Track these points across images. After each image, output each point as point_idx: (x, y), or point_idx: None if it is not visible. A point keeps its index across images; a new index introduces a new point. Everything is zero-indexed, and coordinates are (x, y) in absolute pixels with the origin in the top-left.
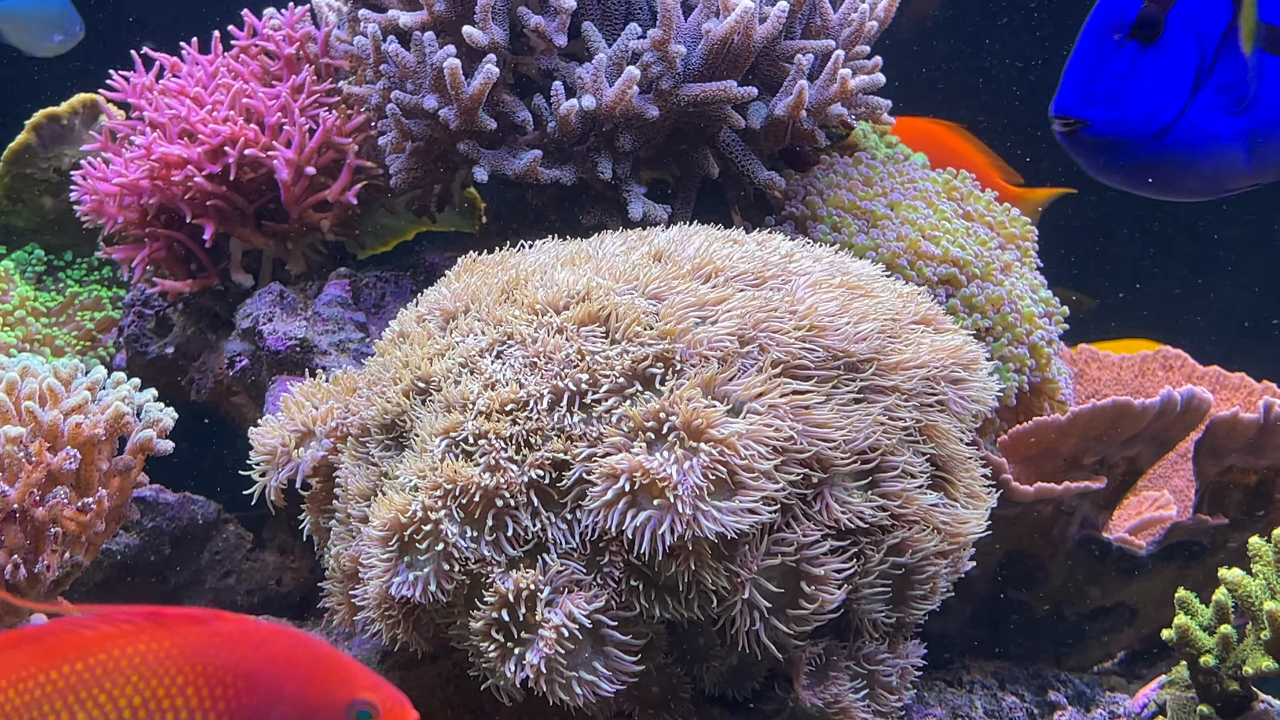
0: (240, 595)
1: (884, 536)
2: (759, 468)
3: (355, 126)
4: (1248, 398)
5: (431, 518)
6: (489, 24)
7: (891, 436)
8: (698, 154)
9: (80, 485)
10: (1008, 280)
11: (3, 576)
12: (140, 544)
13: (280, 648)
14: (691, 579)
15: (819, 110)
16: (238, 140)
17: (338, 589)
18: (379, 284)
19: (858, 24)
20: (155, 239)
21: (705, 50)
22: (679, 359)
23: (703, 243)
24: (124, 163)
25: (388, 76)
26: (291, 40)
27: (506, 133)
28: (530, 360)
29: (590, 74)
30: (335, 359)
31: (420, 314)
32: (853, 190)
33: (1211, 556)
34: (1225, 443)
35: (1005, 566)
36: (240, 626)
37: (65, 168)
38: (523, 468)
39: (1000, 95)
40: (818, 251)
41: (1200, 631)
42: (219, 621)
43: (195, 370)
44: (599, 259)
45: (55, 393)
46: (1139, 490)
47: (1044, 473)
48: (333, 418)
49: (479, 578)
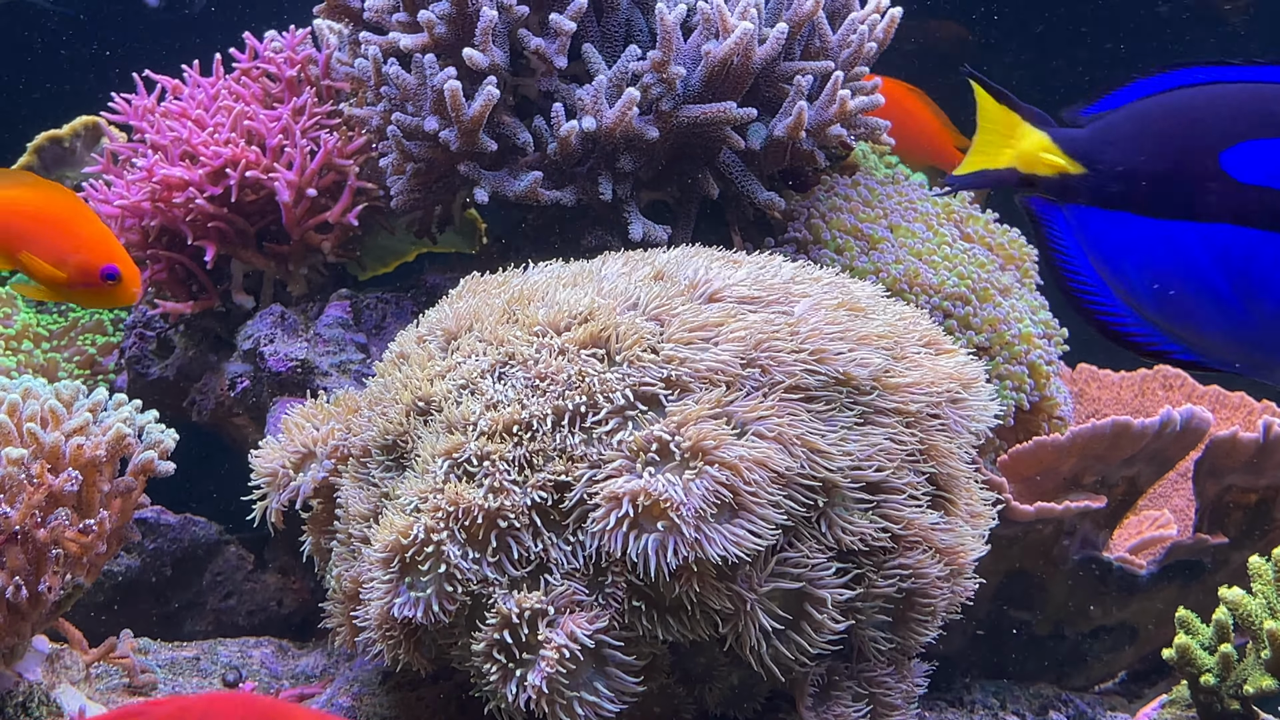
0: (241, 616)
1: (886, 558)
2: (762, 490)
3: (356, 148)
4: (1247, 417)
5: (434, 539)
6: (489, 46)
7: (893, 458)
8: (698, 175)
9: (82, 507)
10: (1007, 302)
11: (4, 598)
12: (142, 565)
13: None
14: (695, 600)
15: (818, 131)
16: (239, 162)
17: (339, 610)
18: (380, 305)
19: (857, 45)
20: (157, 261)
21: (705, 72)
22: (681, 380)
23: (704, 264)
24: (126, 185)
25: (389, 98)
26: (293, 62)
27: (507, 154)
28: (532, 381)
29: (590, 95)
30: (336, 380)
31: (421, 335)
32: (853, 213)
33: (1212, 576)
34: (1225, 462)
35: (1006, 586)
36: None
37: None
38: (525, 489)
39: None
40: (819, 273)
41: (1201, 651)
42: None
43: (196, 392)
44: (600, 280)
45: (57, 414)
46: (1139, 509)
47: (1044, 492)
48: (333, 439)
49: (481, 598)
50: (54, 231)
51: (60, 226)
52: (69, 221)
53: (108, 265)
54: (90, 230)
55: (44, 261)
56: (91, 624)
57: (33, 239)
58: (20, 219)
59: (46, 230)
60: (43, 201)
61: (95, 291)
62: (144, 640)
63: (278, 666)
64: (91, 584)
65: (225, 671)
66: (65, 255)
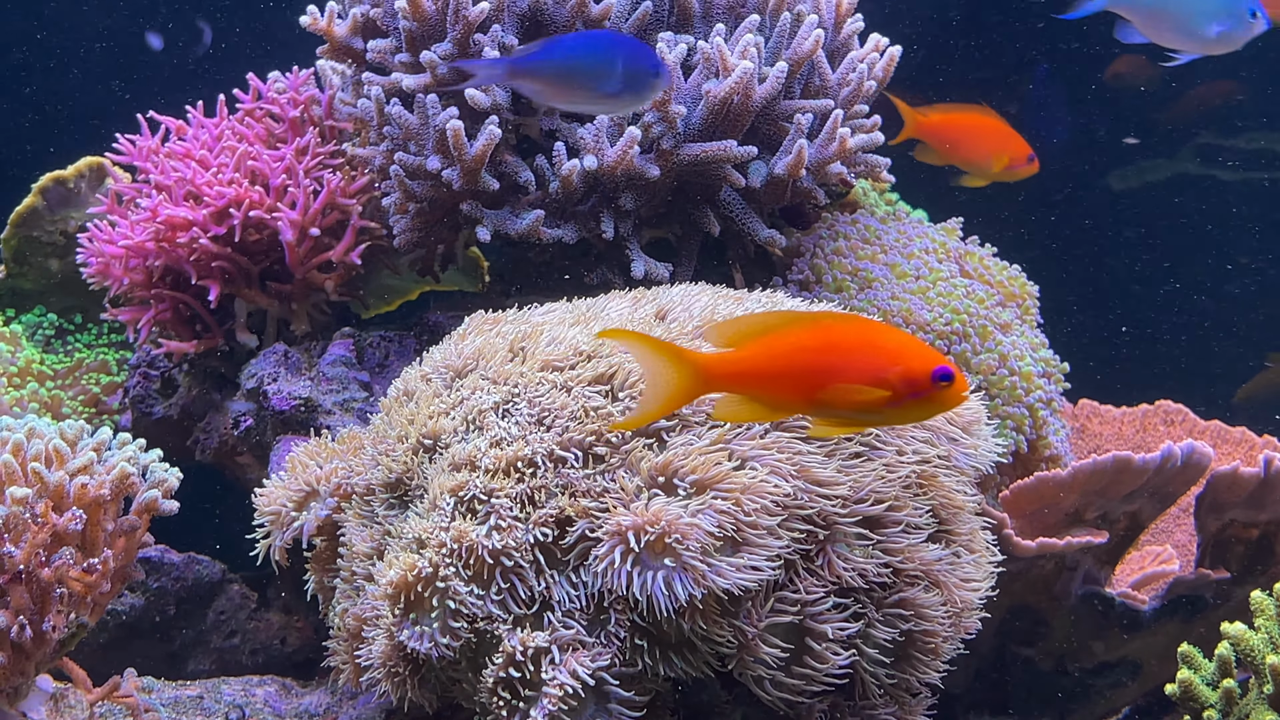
0: (245, 655)
1: (887, 595)
2: (764, 523)
3: (359, 188)
4: (1249, 452)
5: (440, 574)
6: (491, 86)
7: (893, 492)
8: (699, 212)
9: (86, 546)
10: (1007, 339)
11: (9, 637)
12: (145, 604)
13: None
14: (697, 636)
15: (818, 169)
16: (243, 202)
17: (342, 648)
18: (383, 344)
19: (856, 84)
20: (161, 300)
21: (705, 111)
22: (682, 416)
23: (708, 301)
24: (130, 225)
25: (391, 138)
26: (296, 103)
27: (509, 193)
28: (537, 417)
29: (592, 134)
30: (339, 418)
31: (425, 373)
32: (853, 251)
33: (1215, 611)
34: (1226, 497)
35: (1009, 621)
36: None
37: (72, 230)
38: (528, 525)
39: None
40: (820, 309)
41: (1204, 686)
42: None
43: (200, 430)
44: (605, 318)
45: (61, 454)
46: (1141, 545)
47: (1046, 528)
48: (337, 476)
49: (485, 635)
50: (859, 351)
51: (864, 344)
52: (870, 337)
53: (940, 368)
54: (897, 339)
55: (860, 385)
56: (95, 663)
57: (839, 370)
58: (826, 354)
59: (852, 354)
60: (845, 330)
61: (924, 401)
62: (148, 679)
63: (281, 705)
64: (95, 623)
65: (229, 710)
66: (882, 371)
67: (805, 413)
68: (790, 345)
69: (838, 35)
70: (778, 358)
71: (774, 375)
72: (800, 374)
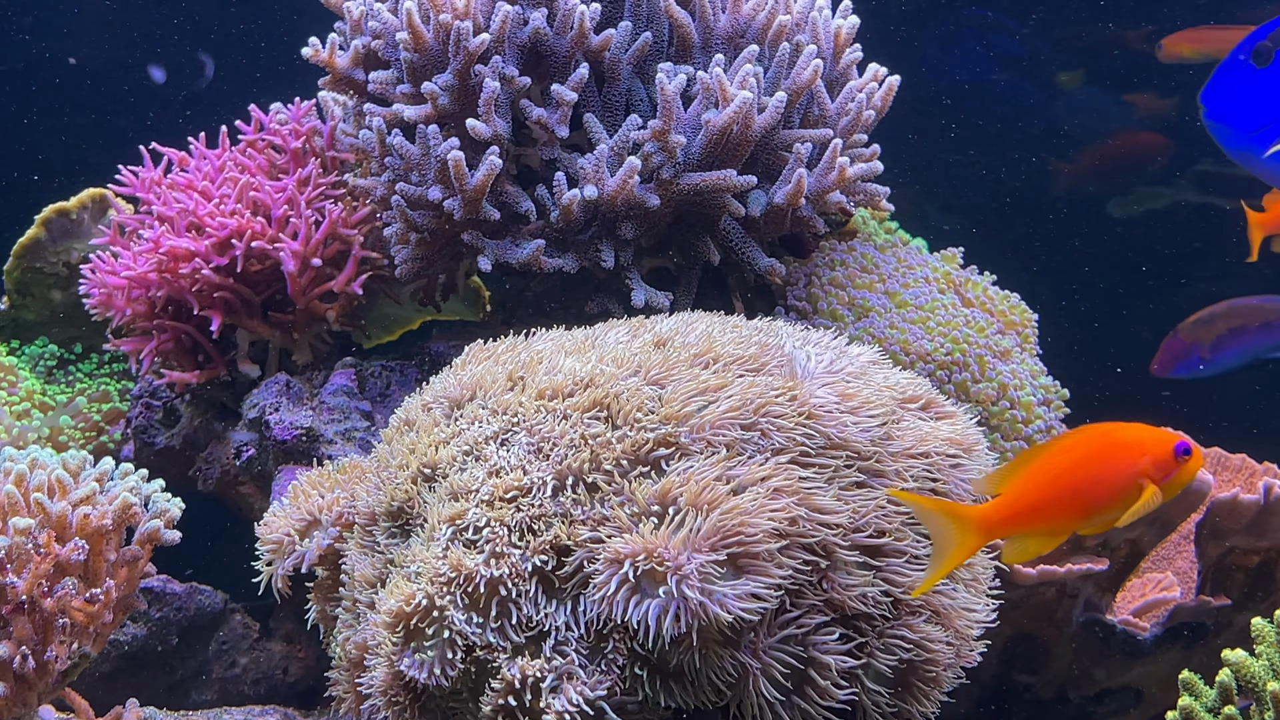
0: (247, 685)
1: (887, 625)
2: (764, 551)
3: (361, 218)
4: (1249, 479)
5: (438, 604)
6: (491, 117)
7: (893, 521)
8: (699, 241)
9: (88, 576)
10: (1006, 367)
11: (11, 668)
12: (147, 634)
13: None
14: (697, 666)
15: (818, 198)
16: (245, 233)
17: (344, 677)
18: (384, 373)
19: (855, 113)
20: (163, 331)
21: (705, 140)
22: (681, 443)
23: (705, 330)
24: (132, 256)
25: (393, 169)
26: (298, 134)
27: (510, 222)
28: (535, 446)
29: (592, 164)
30: (341, 448)
31: (426, 402)
32: (851, 280)
33: (1215, 638)
34: (1226, 524)
35: (1009, 649)
36: None
37: (74, 262)
38: (526, 554)
39: None
40: (818, 337)
41: (1205, 714)
42: None
43: (202, 460)
44: (603, 346)
45: (64, 484)
46: (1142, 572)
47: (1046, 555)
48: (339, 505)
49: (485, 664)
50: (1106, 457)
51: (1106, 448)
52: (1107, 439)
53: (1180, 444)
54: (1127, 432)
55: (1112, 493)
56: (98, 693)
57: (1099, 481)
58: (1081, 470)
59: (1102, 463)
60: (1086, 441)
61: (1173, 481)
62: (150, 710)
63: None
64: (98, 653)
65: None
66: (1134, 467)
67: (1078, 529)
68: (1047, 476)
69: (836, 65)
70: (1043, 490)
71: (1044, 508)
72: (1067, 499)
